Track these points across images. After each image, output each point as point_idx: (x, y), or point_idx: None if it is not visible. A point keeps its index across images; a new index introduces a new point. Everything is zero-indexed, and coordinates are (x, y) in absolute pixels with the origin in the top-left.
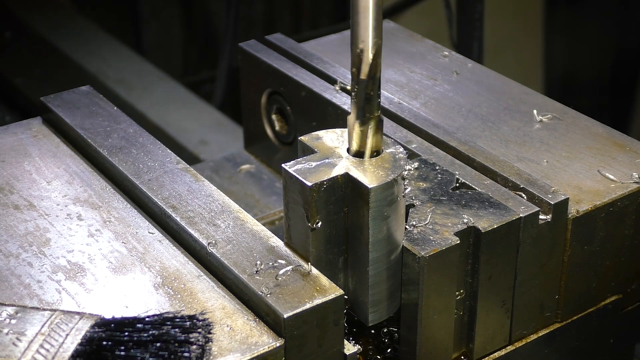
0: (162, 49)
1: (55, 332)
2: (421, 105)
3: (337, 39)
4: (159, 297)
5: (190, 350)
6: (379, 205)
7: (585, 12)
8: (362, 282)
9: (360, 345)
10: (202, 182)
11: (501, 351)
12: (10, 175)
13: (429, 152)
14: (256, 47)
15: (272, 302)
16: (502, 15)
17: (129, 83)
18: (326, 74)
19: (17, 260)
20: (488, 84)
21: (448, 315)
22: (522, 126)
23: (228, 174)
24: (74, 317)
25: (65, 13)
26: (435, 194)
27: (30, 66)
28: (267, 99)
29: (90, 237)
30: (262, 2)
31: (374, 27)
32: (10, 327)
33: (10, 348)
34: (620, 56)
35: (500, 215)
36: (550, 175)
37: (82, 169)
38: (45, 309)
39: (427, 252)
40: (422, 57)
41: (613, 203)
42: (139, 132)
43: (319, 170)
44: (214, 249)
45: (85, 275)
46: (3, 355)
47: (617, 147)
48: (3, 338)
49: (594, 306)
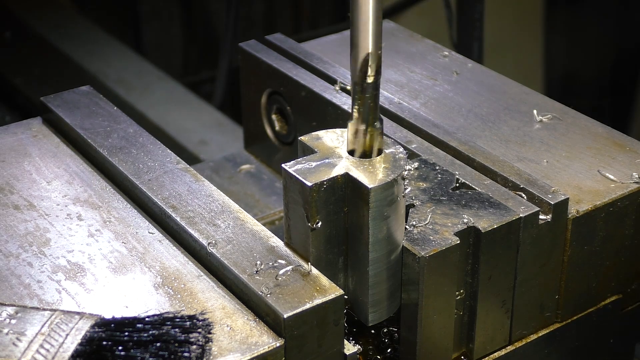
0: (162, 49)
1: (55, 332)
2: (421, 105)
3: (337, 39)
4: (159, 297)
5: (190, 350)
6: (379, 205)
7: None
8: (362, 282)
9: (360, 345)
10: (202, 182)
11: (501, 351)
12: (10, 175)
13: (429, 152)
14: (256, 47)
15: (272, 302)
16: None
17: (129, 83)
18: (326, 74)
19: (17, 260)
20: (488, 84)
21: (448, 315)
22: (522, 126)
23: (228, 174)
24: (74, 317)
25: (65, 13)
26: (435, 194)
27: (30, 66)
28: (267, 99)
29: (90, 237)
30: (262, 2)
31: (375, 35)
32: (10, 327)
33: (10, 348)
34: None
35: (500, 215)
36: (550, 175)
37: (82, 169)
38: (45, 309)
39: (427, 252)
40: (422, 57)
41: (613, 203)
42: (139, 132)
43: (319, 170)
44: (214, 249)
45: (85, 275)
46: (3, 355)
47: (617, 147)
48: (3, 338)
49: (594, 306)
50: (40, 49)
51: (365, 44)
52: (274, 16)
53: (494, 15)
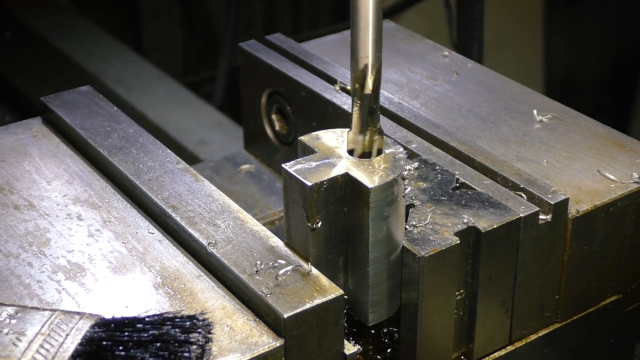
0: (162, 49)
1: (55, 332)
2: (421, 105)
3: (337, 39)
4: (159, 297)
5: (190, 350)
6: (379, 205)
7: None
8: (362, 282)
9: (360, 345)
10: (202, 182)
11: (501, 351)
12: (10, 175)
13: (429, 152)
14: (256, 47)
15: (272, 302)
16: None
17: (129, 83)
18: (326, 74)
19: (17, 260)
20: (488, 84)
21: (448, 315)
22: (522, 126)
23: (228, 174)
24: (74, 317)
25: (65, 13)
26: (435, 194)
27: (30, 66)
28: (267, 99)
29: (90, 237)
30: (262, 2)
31: (375, 41)
32: (10, 327)
33: (10, 348)
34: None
35: (500, 215)
36: (550, 175)
37: (82, 169)
38: (46, 309)
39: (427, 252)
40: (422, 57)
41: (613, 203)
42: (139, 132)
43: (319, 170)
44: (214, 249)
45: (85, 275)
46: (3, 355)
47: (617, 147)
48: (3, 338)
49: (594, 306)
50: (40, 49)
51: (364, 53)
52: (274, 16)
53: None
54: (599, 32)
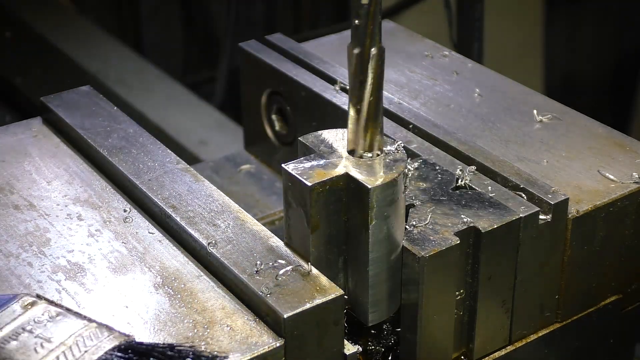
0: (162, 49)
1: (76, 346)
2: (421, 105)
3: (337, 39)
4: (159, 297)
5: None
6: (379, 205)
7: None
8: (362, 282)
9: (360, 345)
10: (202, 182)
11: (501, 351)
12: (10, 175)
13: (429, 152)
14: (256, 47)
15: (272, 302)
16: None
17: (129, 83)
18: (326, 74)
19: (17, 260)
20: (488, 84)
21: (448, 315)
22: (522, 126)
23: (228, 174)
24: (102, 334)
25: (66, 13)
26: (435, 194)
27: (30, 66)
28: (267, 99)
29: (90, 237)
30: (262, 2)
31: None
32: (43, 329)
33: (29, 353)
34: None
35: (500, 215)
36: (550, 175)
37: (82, 169)
38: (84, 318)
39: (427, 252)
40: (422, 57)
41: (613, 203)
42: (139, 132)
43: (319, 171)
44: (214, 249)
45: (85, 275)
46: (21, 359)
47: (617, 147)
48: (30, 340)
49: (594, 306)
50: (40, 49)
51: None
52: (274, 16)
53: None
54: (599, 32)
